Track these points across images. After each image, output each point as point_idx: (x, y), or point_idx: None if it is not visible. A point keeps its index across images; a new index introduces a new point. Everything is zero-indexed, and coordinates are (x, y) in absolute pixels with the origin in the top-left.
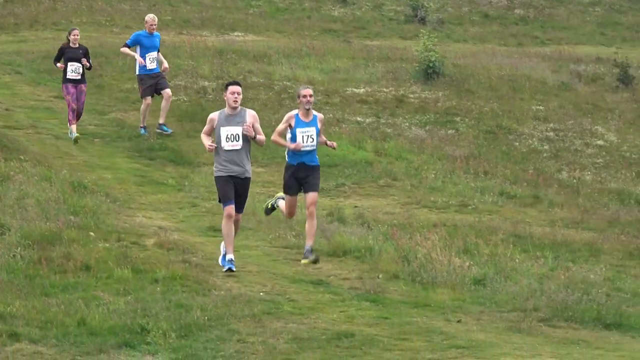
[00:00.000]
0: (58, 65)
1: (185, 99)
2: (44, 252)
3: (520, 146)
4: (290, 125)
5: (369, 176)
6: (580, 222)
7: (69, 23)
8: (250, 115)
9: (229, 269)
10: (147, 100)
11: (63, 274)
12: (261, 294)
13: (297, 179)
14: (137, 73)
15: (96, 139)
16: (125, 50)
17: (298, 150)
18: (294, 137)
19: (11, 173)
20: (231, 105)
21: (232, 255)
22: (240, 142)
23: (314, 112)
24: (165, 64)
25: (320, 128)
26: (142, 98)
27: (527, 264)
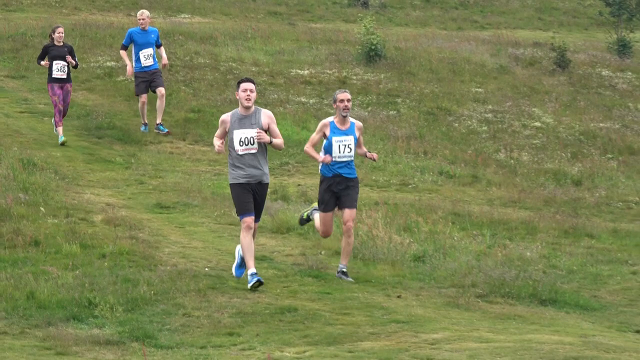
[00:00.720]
0: (42, 63)
1: (132, 79)
2: None
3: (460, 127)
4: (324, 134)
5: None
6: (517, 201)
7: (19, 4)
8: (266, 115)
9: (257, 281)
10: (142, 98)
11: (12, 249)
12: (206, 269)
13: (333, 193)
14: (134, 71)
15: (45, 118)
16: (123, 54)
17: (327, 163)
18: (329, 147)
19: None
20: (244, 104)
21: (254, 269)
22: (256, 146)
23: (352, 119)
24: (165, 60)
25: (358, 137)
26: (137, 96)
27: (465, 242)
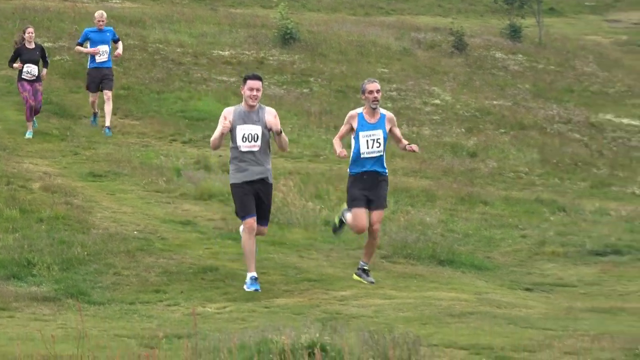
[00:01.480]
0: (15, 65)
1: (68, 58)
2: None
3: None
4: (352, 126)
5: None
6: (418, 171)
7: None
8: (270, 114)
9: (255, 290)
10: (92, 97)
11: None
12: (135, 232)
13: (362, 189)
14: (88, 66)
15: None
16: (78, 48)
17: (342, 156)
18: (357, 141)
19: None
20: (249, 102)
21: (255, 272)
22: (259, 143)
23: (382, 110)
24: (119, 51)
25: (390, 129)
26: (88, 91)
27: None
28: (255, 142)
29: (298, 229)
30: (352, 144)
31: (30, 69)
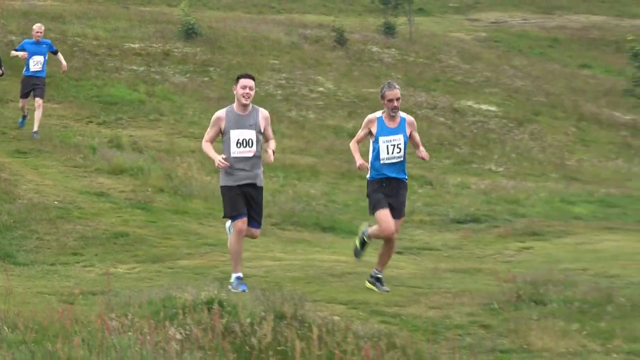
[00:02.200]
0: None
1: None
2: None
3: (260, 91)
4: (371, 131)
5: (141, 112)
6: (304, 149)
7: None
8: (263, 117)
9: (242, 290)
10: (22, 102)
11: None
12: (55, 202)
13: (383, 193)
14: (23, 73)
15: None
16: (12, 53)
17: (363, 168)
18: (376, 147)
19: None
20: (241, 101)
21: (240, 272)
22: (254, 149)
23: (402, 113)
24: (64, 66)
25: (410, 133)
26: (20, 97)
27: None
28: (250, 147)
29: (198, 200)
30: (371, 149)
31: None
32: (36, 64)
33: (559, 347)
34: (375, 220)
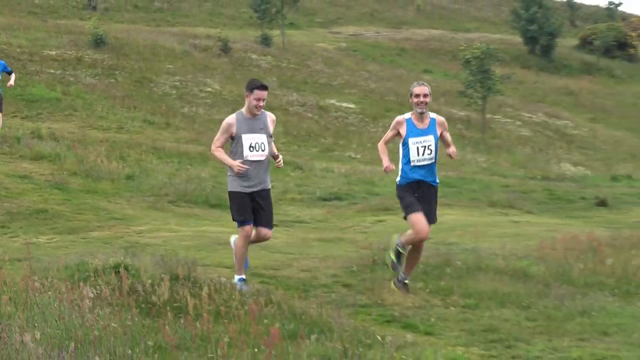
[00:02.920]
0: None
1: None
2: None
3: (158, 91)
4: (399, 132)
5: (58, 108)
6: (195, 139)
7: None
8: (271, 120)
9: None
10: None
11: None
12: None
13: (414, 195)
14: None
15: None
16: None
17: (389, 171)
18: (406, 150)
19: None
20: (253, 112)
21: (244, 275)
22: (266, 152)
23: (431, 114)
24: (12, 82)
25: (441, 134)
26: None
27: (161, 166)
28: (263, 151)
29: (107, 181)
30: (400, 154)
31: None
32: None
33: (407, 302)
34: (408, 224)
